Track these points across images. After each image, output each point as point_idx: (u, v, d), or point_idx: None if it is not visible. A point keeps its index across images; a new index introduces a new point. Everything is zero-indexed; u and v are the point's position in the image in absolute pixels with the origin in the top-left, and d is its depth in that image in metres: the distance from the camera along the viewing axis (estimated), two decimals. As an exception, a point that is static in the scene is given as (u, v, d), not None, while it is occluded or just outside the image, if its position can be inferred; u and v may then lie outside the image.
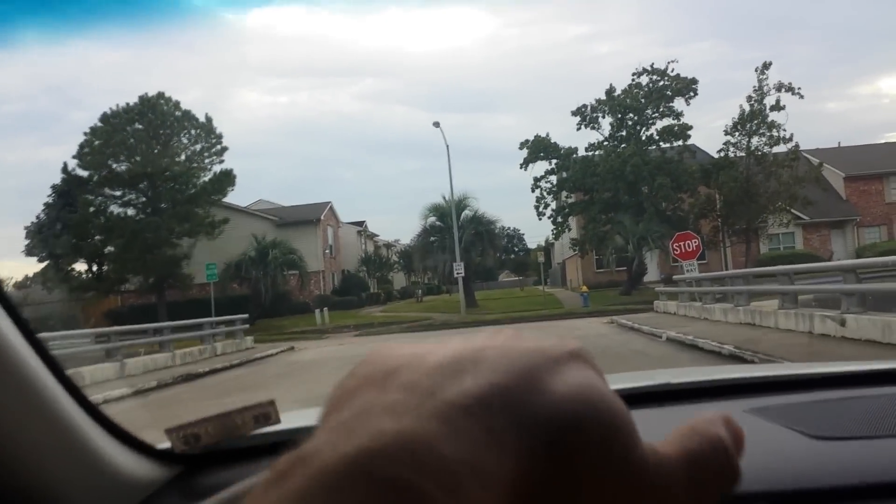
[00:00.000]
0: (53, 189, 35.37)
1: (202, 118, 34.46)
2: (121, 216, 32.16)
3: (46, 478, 0.78)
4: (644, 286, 33.87)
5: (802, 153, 34.80)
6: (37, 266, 36.33)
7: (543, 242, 68.94)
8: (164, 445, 0.95)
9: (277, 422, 0.94)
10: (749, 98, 33.31)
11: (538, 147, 34.29)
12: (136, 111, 33.10)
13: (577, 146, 34.90)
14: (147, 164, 31.75)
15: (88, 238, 32.28)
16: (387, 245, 57.83)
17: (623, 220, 32.05)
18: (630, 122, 34.52)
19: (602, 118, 34.86)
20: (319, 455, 0.25)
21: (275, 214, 39.82)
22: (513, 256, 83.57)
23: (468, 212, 34.33)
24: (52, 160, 60.00)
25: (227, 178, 33.98)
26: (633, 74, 34.47)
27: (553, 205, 35.50)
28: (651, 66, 34.17)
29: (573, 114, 34.90)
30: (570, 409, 0.28)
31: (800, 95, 33.15)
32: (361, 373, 0.31)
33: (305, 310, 32.52)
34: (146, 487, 0.92)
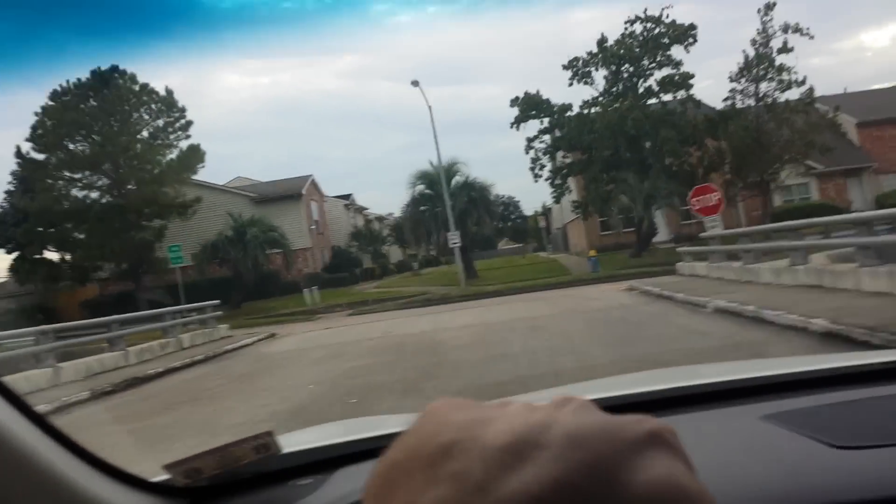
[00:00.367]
0: (13, 175, 32.98)
1: (162, 91, 31.76)
2: (83, 200, 29.60)
3: None
4: (654, 247, 31.90)
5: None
6: (6, 258, 34.11)
7: (541, 208, 66.71)
8: (160, 478, 0.93)
9: (278, 452, 0.94)
10: (753, 42, 30.91)
11: (529, 104, 31.85)
12: (89, 87, 30.35)
13: (572, 103, 32.59)
14: (107, 144, 29.14)
15: (53, 226, 29.83)
16: (379, 218, 55.35)
17: (627, 179, 29.76)
18: (626, 74, 32.09)
19: (595, 71, 32.42)
20: None
21: (253, 191, 37.29)
22: (510, 224, 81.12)
23: (459, 178, 31.80)
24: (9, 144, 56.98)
25: (196, 155, 31.41)
26: (626, 23, 31.87)
27: (549, 166, 33.34)
28: (644, 13, 31.56)
29: (564, 68, 32.36)
30: None
31: (809, 36, 30.73)
32: (412, 444, 0.28)
33: (295, 289, 30.24)
34: None
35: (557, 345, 8.72)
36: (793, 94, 31.07)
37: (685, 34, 31.49)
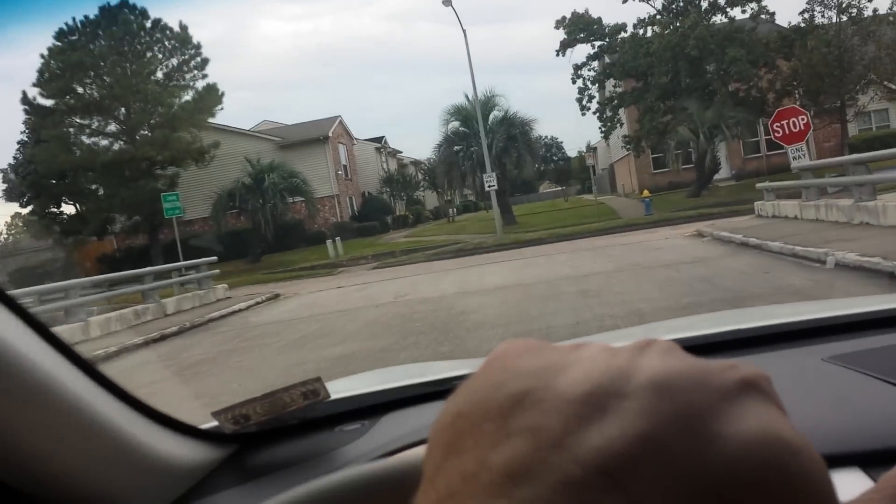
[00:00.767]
0: (25, 125, 31.23)
1: (176, 27, 29.16)
2: (92, 147, 27.55)
3: (96, 484, 0.74)
4: (714, 186, 28.47)
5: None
6: (22, 211, 32.78)
7: (585, 149, 62.73)
8: (210, 425, 0.94)
9: (327, 397, 0.94)
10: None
11: (577, 26, 28.20)
12: (97, 24, 27.94)
13: (625, 23, 28.81)
14: (116, 86, 26.84)
15: (64, 177, 28.01)
16: (414, 163, 52.34)
17: (687, 107, 26.14)
18: (688, -13, 28.09)
19: (653, -16, 28.46)
20: None
21: (278, 135, 34.74)
22: (552, 167, 77.11)
23: (497, 112, 28.55)
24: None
25: (213, 96, 28.89)
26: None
27: (598, 97, 29.85)
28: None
29: (619, -19, 28.51)
30: (748, 467, 0.21)
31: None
32: (479, 393, 0.24)
33: (321, 240, 27.97)
34: (201, 469, 0.91)
35: (627, 326, 5.97)
36: (881, 3, 26.96)
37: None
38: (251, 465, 0.95)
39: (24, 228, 31.66)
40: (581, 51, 28.52)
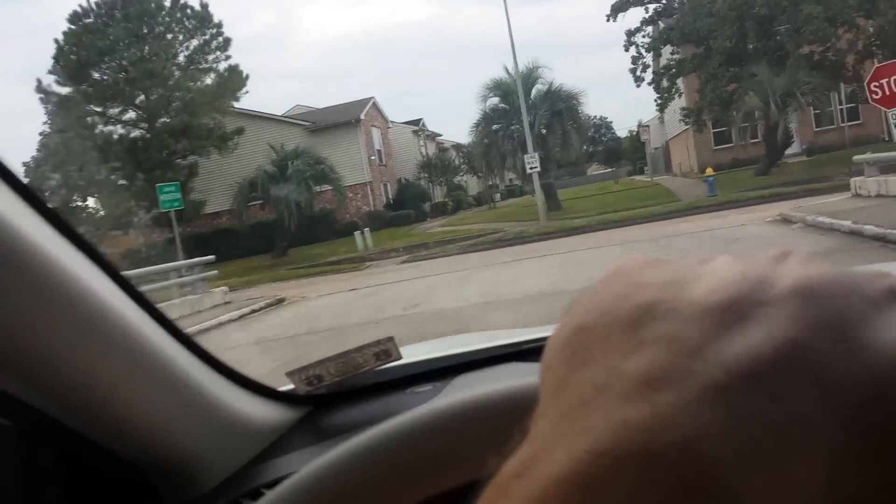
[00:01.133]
0: (47, 115, 30.25)
1: (197, 6, 27.52)
2: (110, 136, 26.23)
3: (177, 439, 0.76)
4: (783, 162, 25.36)
5: None
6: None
7: (636, 126, 59.18)
8: (287, 388, 0.96)
9: (399, 357, 0.96)
10: None
11: (630, -14, 25.42)
12: (113, 5, 26.51)
13: (684, -18, 25.82)
14: (132, 71, 25.37)
15: (82, 168, 26.81)
16: (455, 146, 50.00)
17: (756, 73, 23.09)
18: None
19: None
20: (542, 464, 0.18)
21: (308, 119, 32.92)
22: (601, 147, 73.52)
23: (541, 86, 25.93)
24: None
25: (236, 78, 27.19)
26: None
27: (653, 66, 27.00)
28: None
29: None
30: None
31: None
32: (603, 306, 0.23)
33: (352, 230, 26.09)
34: (277, 429, 0.93)
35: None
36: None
37: None
38: (325, 426, 0.96)
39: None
40: (634, 15, 25.59)
